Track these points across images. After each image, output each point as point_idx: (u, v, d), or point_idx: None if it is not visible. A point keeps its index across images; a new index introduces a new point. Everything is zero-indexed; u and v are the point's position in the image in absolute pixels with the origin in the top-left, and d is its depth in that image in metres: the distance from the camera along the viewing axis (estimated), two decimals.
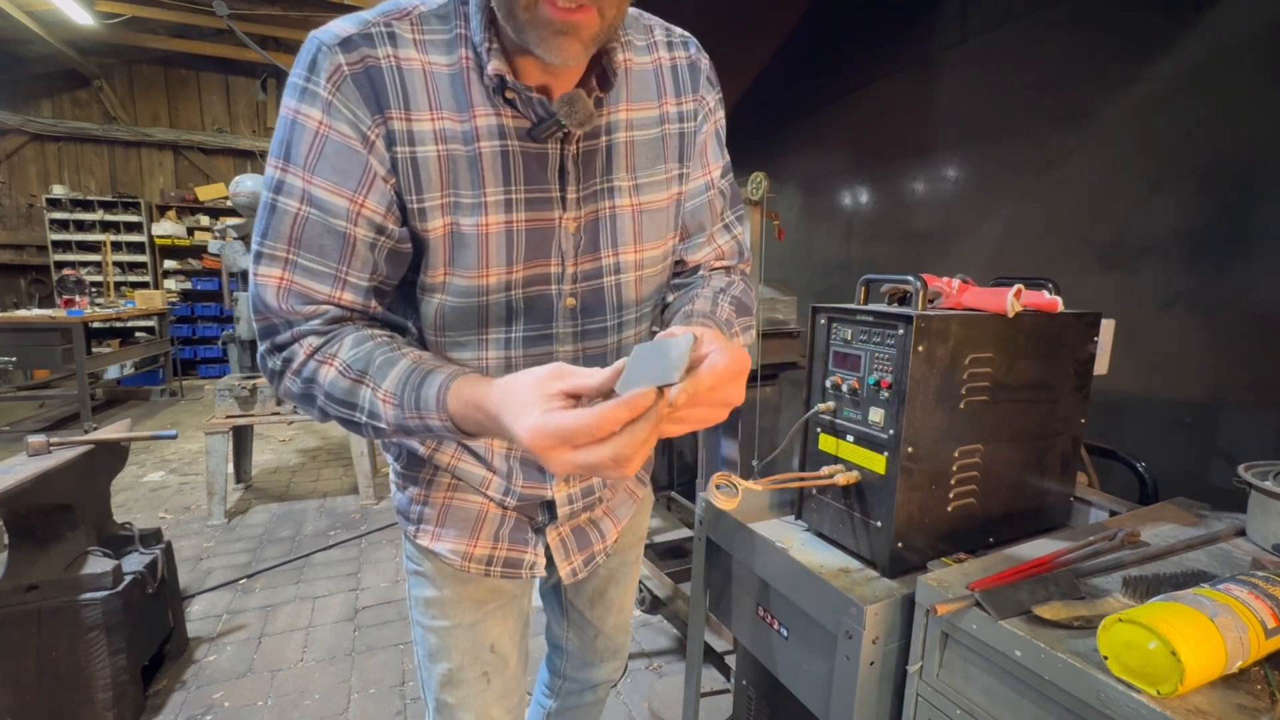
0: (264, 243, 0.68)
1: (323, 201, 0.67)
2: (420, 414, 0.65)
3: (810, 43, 2.89)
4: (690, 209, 0.88)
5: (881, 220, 2.69)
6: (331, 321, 0.70)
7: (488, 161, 0.71)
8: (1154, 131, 1.61)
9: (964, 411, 0.93)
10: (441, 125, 0.69)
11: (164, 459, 4.61)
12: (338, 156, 0.66)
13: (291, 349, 0.70)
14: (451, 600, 0.93)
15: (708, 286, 0.88)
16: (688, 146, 0.85)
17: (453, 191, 0.71)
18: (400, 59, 0.67)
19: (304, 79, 0.66)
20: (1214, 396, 1.50)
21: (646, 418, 0.52)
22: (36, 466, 1.74)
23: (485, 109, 0.70)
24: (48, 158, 7.63)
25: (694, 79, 0.84)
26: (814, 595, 0.94)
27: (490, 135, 0.70)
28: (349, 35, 0.66)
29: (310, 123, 0.66)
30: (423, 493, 0.91)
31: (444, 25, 0.69)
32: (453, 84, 0.69)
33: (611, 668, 1.22)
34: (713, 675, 2.04)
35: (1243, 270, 1.44)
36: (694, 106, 0.84)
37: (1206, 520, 1.04)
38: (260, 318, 0.70)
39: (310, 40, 0.66)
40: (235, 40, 6.13)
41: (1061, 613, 0.74)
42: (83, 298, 5.65)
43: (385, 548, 3.20)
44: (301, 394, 0.71)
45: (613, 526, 1.02)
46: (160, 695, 2.07)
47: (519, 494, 0.88)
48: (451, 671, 0.94)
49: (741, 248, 0.96)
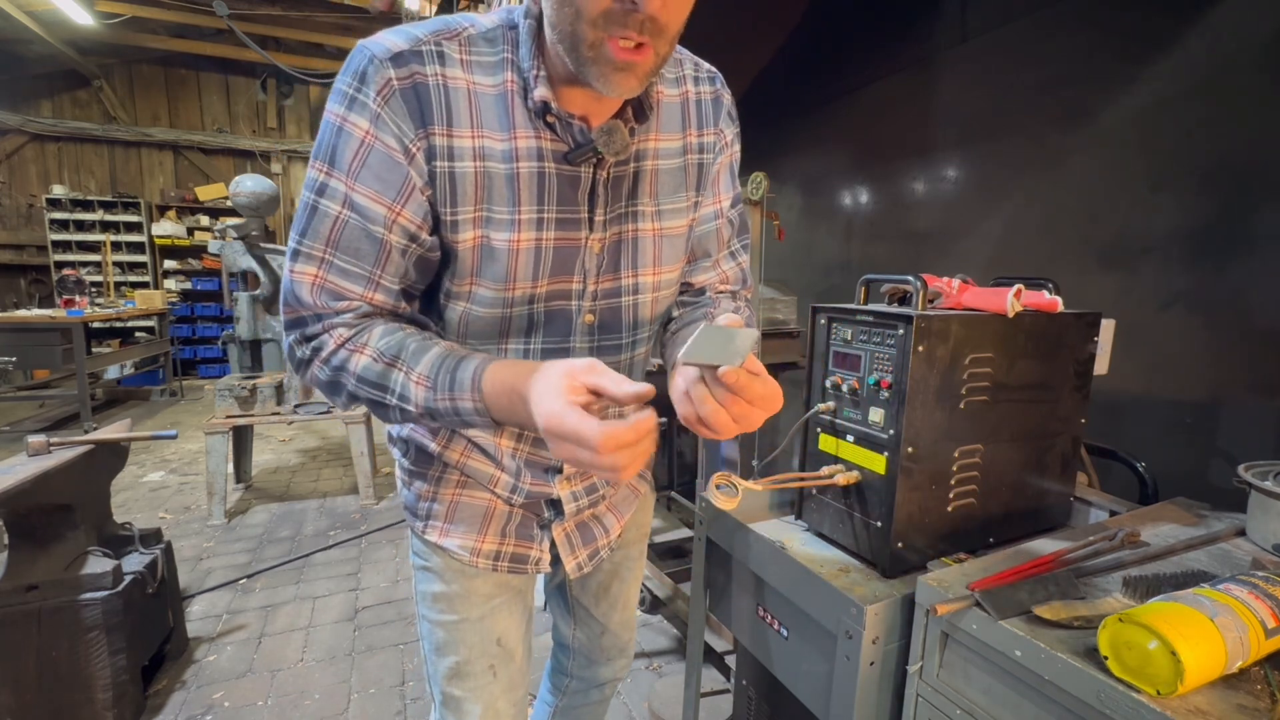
0: (303, 241, 0.71)
1: (363, 208, 0.70)
2: (453, 395, 0.68)
3: (810, 43, 2.89)
4: (699, 234, 0.93)
5: (881, 220, 2.69)
6: (362, 316, 0.73)
7: (524, 181, 0.74)
8: (1154, 131, 1.61)
9: (964, 411, 0.93)
10: (481, 143, 0.72)
11: (164, 459, 4.61)
12: (380, 166, 0.69)
13: (321, 339, 0.73)
14: (459, 595, 0.95)
15: (716, 309, 0.93)
16: (705, 176, 0.90)
17: (486, 207, 0.74)
18: (447, 77, 0.70)
19: (354, 88, 0.68)
20: (1214, 396, 1.50)
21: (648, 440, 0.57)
22: (36, 466, 1.74)
23: (526, 131, 0.74)
24: (48, 158, 7.63)
25: (716, 113, 0.90)
26: (814, 595, 0.94)
27: (529, 157, 0.74)
28: (400, 51, 0.69)
29: (357, 132, 0.69)
30: (431, 489, 0.93)
31: (491, 48, 0.73)
32: (496, 105, 0.73)
33: (618, 666, 1.24)
34: (713, 675, 2.04)
35: (1243, 270, 1.44)
36: (713, 139, 0.90)
37: (1206, 520, 1.04)
38: (290, 310, 0.73)
39: (360, 51, 0.69)
40: (235, 40, 6.13)
41: (1061, 613, 0.74)
42: (83, 298, 5.66)
43: (385, 548, 3.20)
44: (329, 381, 0.74)
45: (616, 521, 1.06)
46: (160, 695, 2.07)
47: (526, 491, 0.92)
48: (459, 665, 0.96)
49: (744, 275, 1.02)
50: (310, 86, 8.31)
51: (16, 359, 4.88)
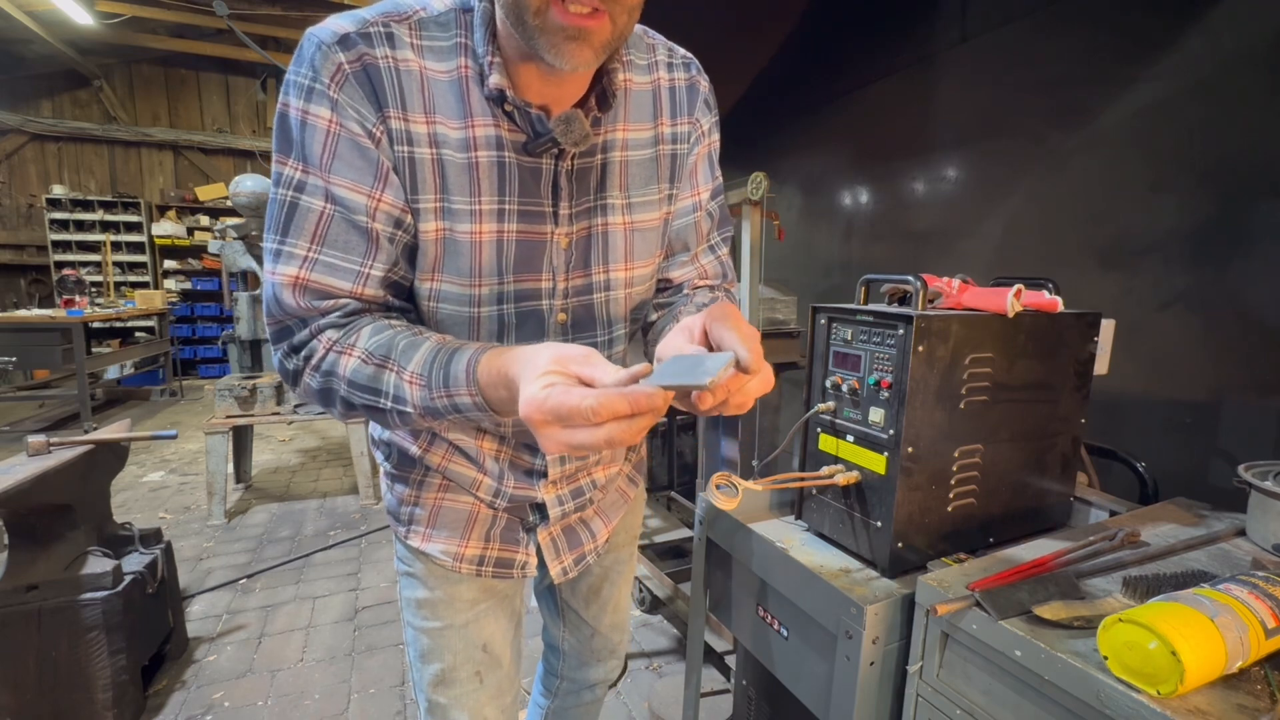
0: (285, 241, 0.68)
1: (343, 199, 0.67)
2: (449, 392, 0.64)
3: (810, 43, 2.89)
4: (676, 228, 0.89)
5: (881, 220, 2.69)
6: (349, 314, 0.70)
7: (484, 170, 0.72)
8: (1154, 131, 1.61)
9: (964, 411, 0.93)
10: (435, 129, 0.70)
11: (164, 459, 4.61)
12: (351, 154, 0.67)
13: (310, 345, 0.69)
14: (443, 601, 0.93)
15: (692, 303, 0.88)
16: (679, 167, 0.86)
17: (444, 196, 0.71)
18: (398, 59, 0.67)
19: (307, 78, 0.66)
20: (1214, 396, 1.50)
21: (646, 415, 0.51)
22: (36, 466, 1.74)
23: (484, 119, 0.71)
24: (48, 158, 7.63)
25: (691, 101, 0.85)
26: (814, 595, 0.94)
27: (487, 145, 0.71)
28: (346, 33, 0.66)
29: (320, 122, 0.66)
30: (413, 494, 0.91)
31: (444, 33, 0.70)
32: (450, 90, 0.70)
33: (609, 667, 1.22)
34: (713, 675, 2.04)
35: (1243, 270, 1.44)
36: (688, 129, 0.86)
37: (1206, 520, 1.04)
38: (275, 321, 0.70)
39: (308, 38, 0.66)
40: (235, 40, 6.14)
41: (1061, 613, 0.74)
42: (83, 298, 5.66)
43: (385, 548, 3.20)
44: (320, 389, 0.70)
45: (603, 526, 1.03)
46: (160, 695, 2.07)
47: (510, 495, 0.89)
48: (444, 671, 0.94)
49: (725, 269, 0.97)
50: None
51: (16, 359, 4.88)
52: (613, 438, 0.51)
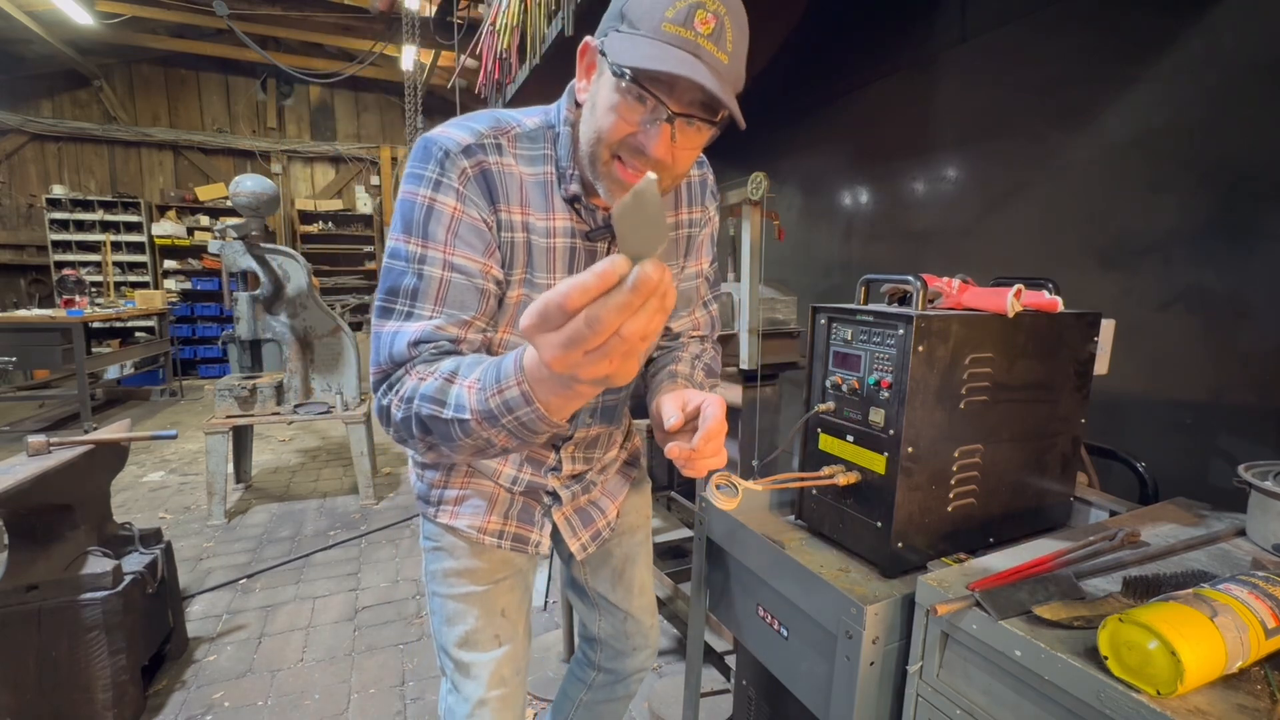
0: (414, 304, 0.82)
1: (462, 266, 0.84)
2: (500, 388, 0.66)
3: (810, 42, 2.89)
4: (682, 290, 1.11)
5: (881, 220, 2.68)
6: (440, 353, 0.82)
7: (559, 253, 0.92)
8: (1154, 131, 1.61)
9: (964, 411, 0.93)
10: (527, 219, 0.89)
11: (164, 459, 4.61)
12: (469, 234, 0.85)
13: (403, 380, 0.79)
14: (468, 569, 1.08)
15: (686, 351, 1.12)
16: (691, 245, 1.09)
17: (529, 271, 0.91)
18: (503, 165, 0.87)
19: (436, 174, 0.83)
20: (1214, 396, 1.50)
21: (619, 290, 0.50)
22: (36, 466, 1.74)
23: (562, 214, 0.91)
24: (48, 158, 7.63)
25: (702, 193, 1.08)
26: (814, 595, 0.95)
27: (564, 234, 0.92)
28: (468, 144, 0.84)
29: (447, 209, 0.83)
30: (443, 478, 1.08)
31: (534, 145, 0.90)
32: (538, 190, 0.90)
33: (644, 656, 1.32)
34: (713, 675, 2.04)
35: (1243, 270, 1.43)
36: (700, 215, 1.09)
37: (1206, 520, 1.04)
38: (380, 371, 0.82)
39: (433, 142, 0.84)
40: (235, 40, 6.14)
41: (1061, 613, 0.74)
42: (83, 298, 5.66)
43: (385, 548, 3.20)
44: (403, 417, 0.77)
45: (611, 504, 1.20)
46: (160, 695, 2.07)
47: (525, 482, 1.08)
48: (468, 633, 1.08)
49: (714, 322, 1.20)
50: (310, 86, 8.32)
51: (16, 359, 4.88)
52: (596, 318, 0.50)
